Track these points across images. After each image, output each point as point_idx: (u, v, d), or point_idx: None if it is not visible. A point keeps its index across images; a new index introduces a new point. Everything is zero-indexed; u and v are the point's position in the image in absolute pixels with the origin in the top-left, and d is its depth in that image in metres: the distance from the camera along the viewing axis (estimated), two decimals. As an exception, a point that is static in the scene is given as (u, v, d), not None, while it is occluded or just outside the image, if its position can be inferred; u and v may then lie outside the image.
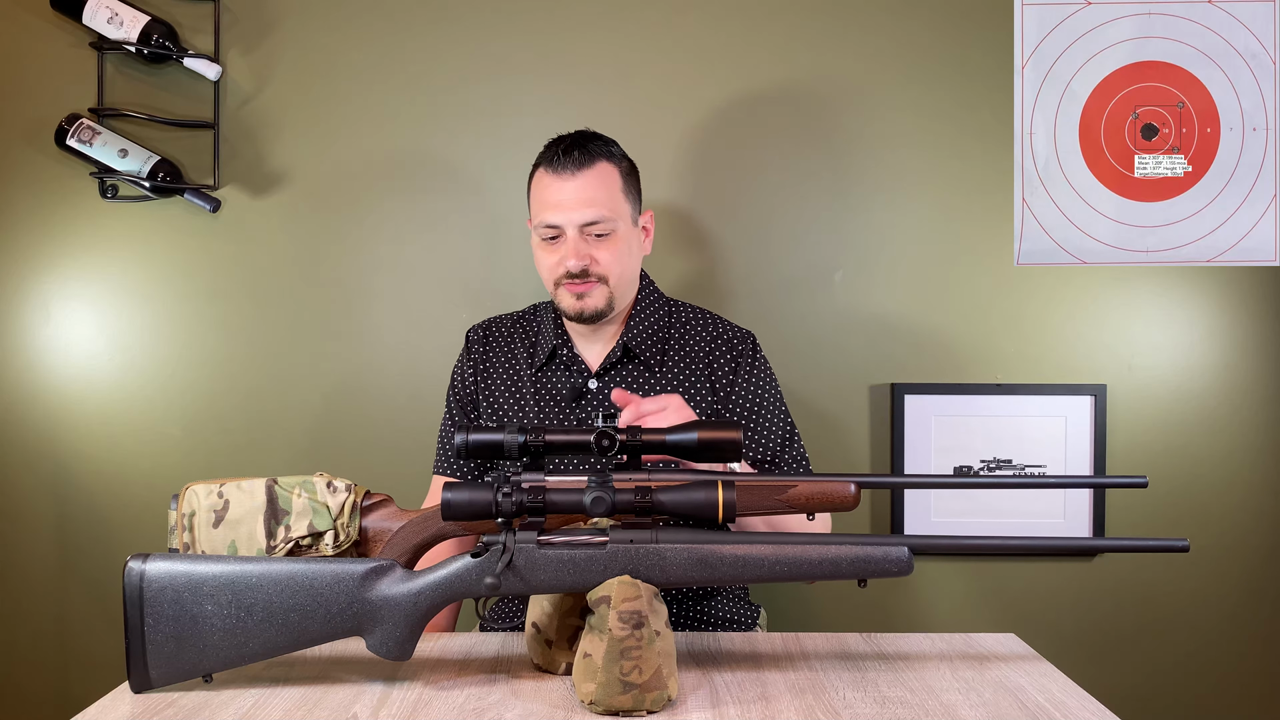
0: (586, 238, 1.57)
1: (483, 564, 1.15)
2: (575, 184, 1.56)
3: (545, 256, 1.60)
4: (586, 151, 1.57)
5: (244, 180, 2.03)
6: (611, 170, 1.59)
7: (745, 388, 1.64)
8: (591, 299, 1.58)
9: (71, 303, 2.03)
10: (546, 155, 1.60)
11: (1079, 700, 1.14)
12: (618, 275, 1.58)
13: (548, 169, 1.58)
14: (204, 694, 1.15)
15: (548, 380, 1.66)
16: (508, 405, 1.66)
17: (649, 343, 1.64)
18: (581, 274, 1.56)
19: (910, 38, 2.03)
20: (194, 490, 1.27)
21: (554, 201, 1.57)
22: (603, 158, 1.58)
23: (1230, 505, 2.05)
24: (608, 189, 1.57)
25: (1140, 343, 2.05)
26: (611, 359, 1.63)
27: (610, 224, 1.57)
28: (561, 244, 1.57)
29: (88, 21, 1.93)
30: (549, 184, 1.58)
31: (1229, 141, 2.02)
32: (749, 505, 1.19)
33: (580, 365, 1.65)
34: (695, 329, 1.68)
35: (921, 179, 2.04)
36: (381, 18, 2.03)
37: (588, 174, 1.56)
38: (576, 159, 1.56)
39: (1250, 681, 2.06)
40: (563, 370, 1.65)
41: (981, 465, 2.03)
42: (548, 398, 1.64)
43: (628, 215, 1.61)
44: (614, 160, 1.60)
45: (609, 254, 1.57)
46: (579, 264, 1.55)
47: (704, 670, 1.23)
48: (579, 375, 1.64)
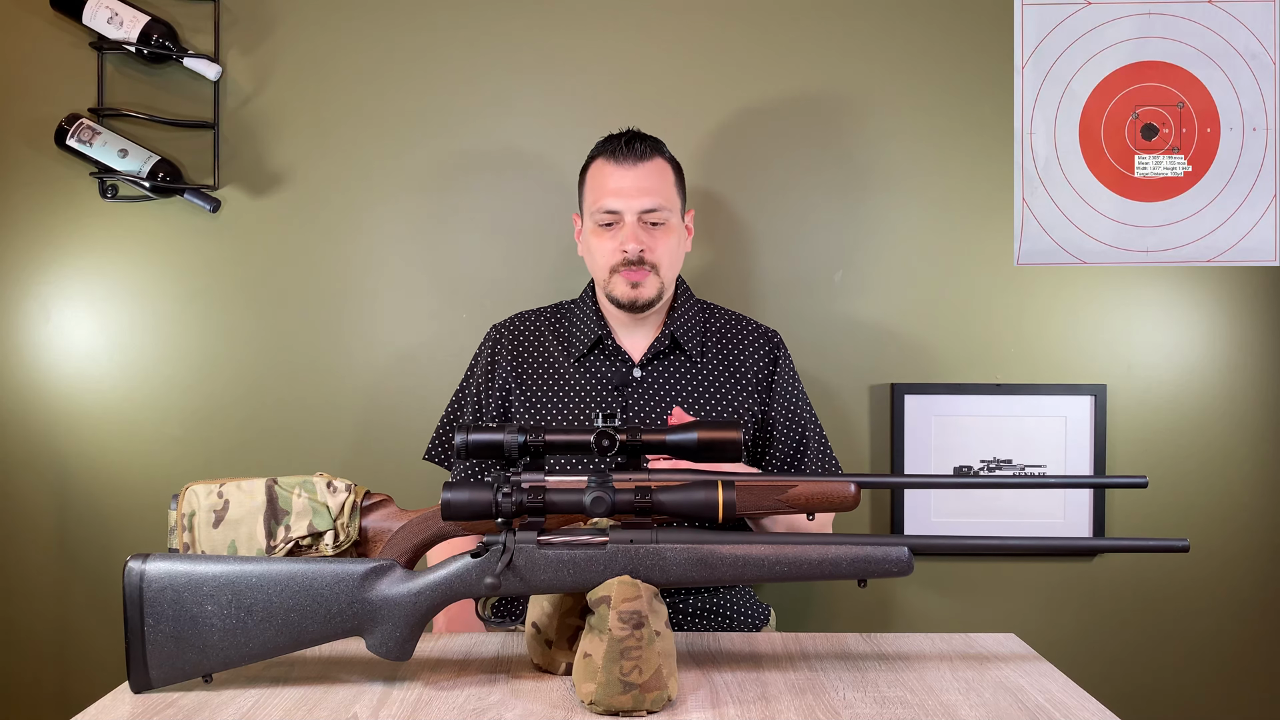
0: (644, 225, 1.63)
1: (483, 564, 1.15)
2: (636, 173, 1.64)
3: (602, 243, 1.65)
4: (648, 145, 1.66)
5: (244, 180, 2.03)
6: (666, 166, 1.68)
7: (787, 384, 1.72)
8: (645, 288, 1.64)
9: (71, 303, 2.03)
10: (608, 146, 1.67)
11: (1079, 700, 1.14)
12: (668, 265, 1.65)
13: (609, 159, 1.66)
14: (204, 694, 1.14)
15: (590, 369, 1.69)
16: (547, 397, 1.68)
17: (692, 335, 1.71)
18: (639, 260, 1.62)
19: (910, 38, 2.03)
20: (194, 490, 1.27)
21: (614, 188, 1.63)
22: (659, 154, 1.67)
23: (1230, 505, 2.05)
24: (665, 182, 1.66)
25: (1140, 343, 2.05)
26: (658, 348, 1.68)
27: (666, 214, 1.64)
28: (619, 230, 1.64)
29: (88, 21, 1.93)
30: (610, 172, 1.65)
31: (1229, 141, 2.02)
32: (749, 505, 1.19)
33: (623, 355, 1.69)
34: (730, 326, 1.76)
35: (921, 179, 2.04)
36: (381, 18, 2.03)
37: (647, 165, 1.65)
38: (638, 151, 1.65)
39: (1250, 681, 2.06)
40: (606, 359, 1.70)
41: (981, 465, 2.03)
42: (591, 386, 1.67)
43: (678, 209, 1.69)
44: (667, 158, 1.69)
45: (663, 243, 1.64)
46: (637, 249, 1.61)
47: (704, 670, 1.23)
48: (623, 365, 1.69)
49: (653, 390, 1.67)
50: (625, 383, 1.67)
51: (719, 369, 1.70)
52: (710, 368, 1.70)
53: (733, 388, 1.69)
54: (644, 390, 1.67)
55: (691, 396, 1.67)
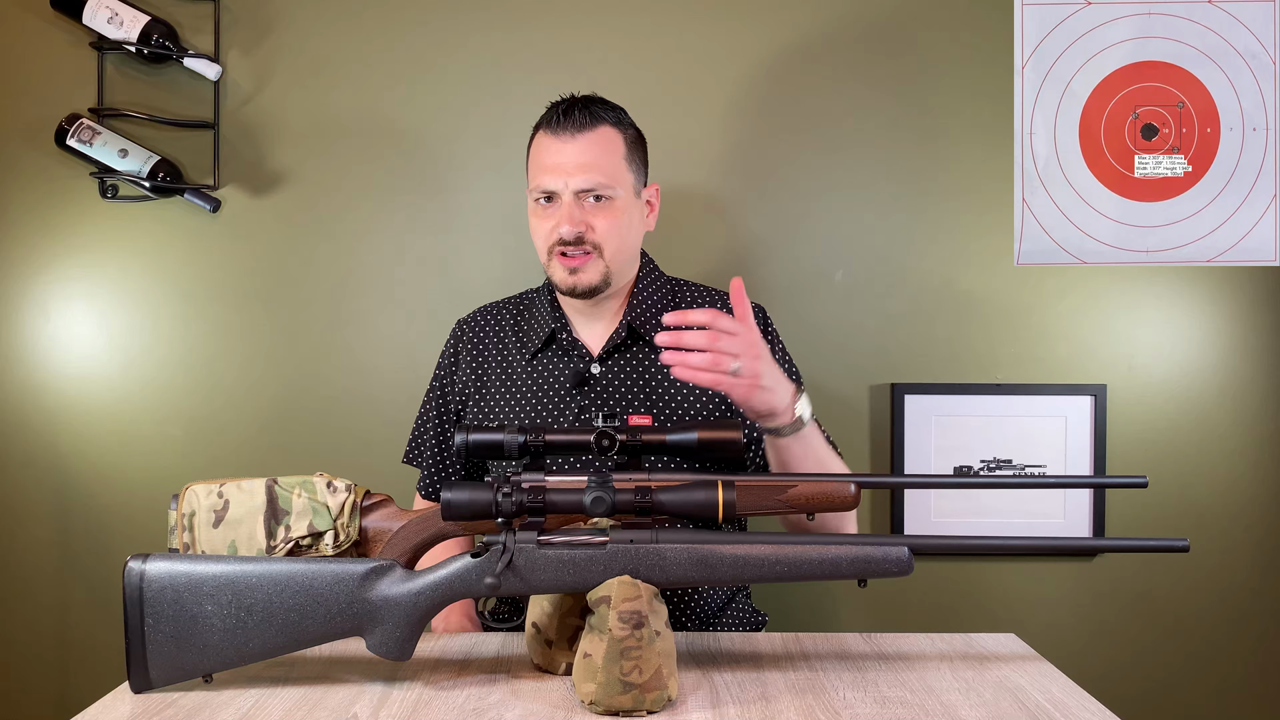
0: (583, 204, 1.48)
1: (483, 564, 1.15)
2: (574, 147, 1.48)
3: (540, 223, 1.51)
4: (589, 114, 1.49)
5: (244, 180, 2.03)
6: (614, 135, 1.51)
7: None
8: (586, 273, 1.49)
9: (71, 303, 2.03)
10: (547, 117, 1.52)
11: (1079, 700, 1.14)
12: (615, 247, 1.49)
13: (547, 130, 1.51)
14: (204, 694, 1.14)
15: (545, 367, 1.57)
16: (502, 398, 1.58)
17: (655, 322, 1.54)
18: (576, 241, 1.47)
19: (910, 37, 2.03)
20: (194, 490, 1.27)
21: (551, 164, 1.48)
22: (606, 122, 1.50)
23: (1230, 505, 2.05)
24: (609, 154, 1.49)
25: (1140, 343, 2.05)
26: (615, 341, 1.54)
27: (609, 191, 1.48)
28: (556, 209, 1.49)
29: (88, 21, 1.93)
30: (547, 146, 1.50)
31: (1229, 141, 2.02)
32: (749, 505, 1.19)
33: (580, 350, 1.55)
34: (704, 304, 1.59)
35: (921, 179, 2.04)
36: (381, 18, 2.03)
37: (588, 136, 1.48)
38: (577, 121, 1.48)
39: (1251, 681, 2.06)
40: (562, 355, 1.56)
41: (981, 465, 2.03)
42: (546, 386, 1.55)
43: (629, 185, 1.52)
44: (619, 126, 1.52)
45: (606, 222, 1.48)
46: (573, 230, 1.47)
47: (704, 670, 1.23)
48: (580, 360, 1.55)
49: (611, 389, 1.53)
50: (582, 381, 1.52)
51: None
52: None
53: None
54: (602, 389, 1.53)
55: (655, 392, 1.53)
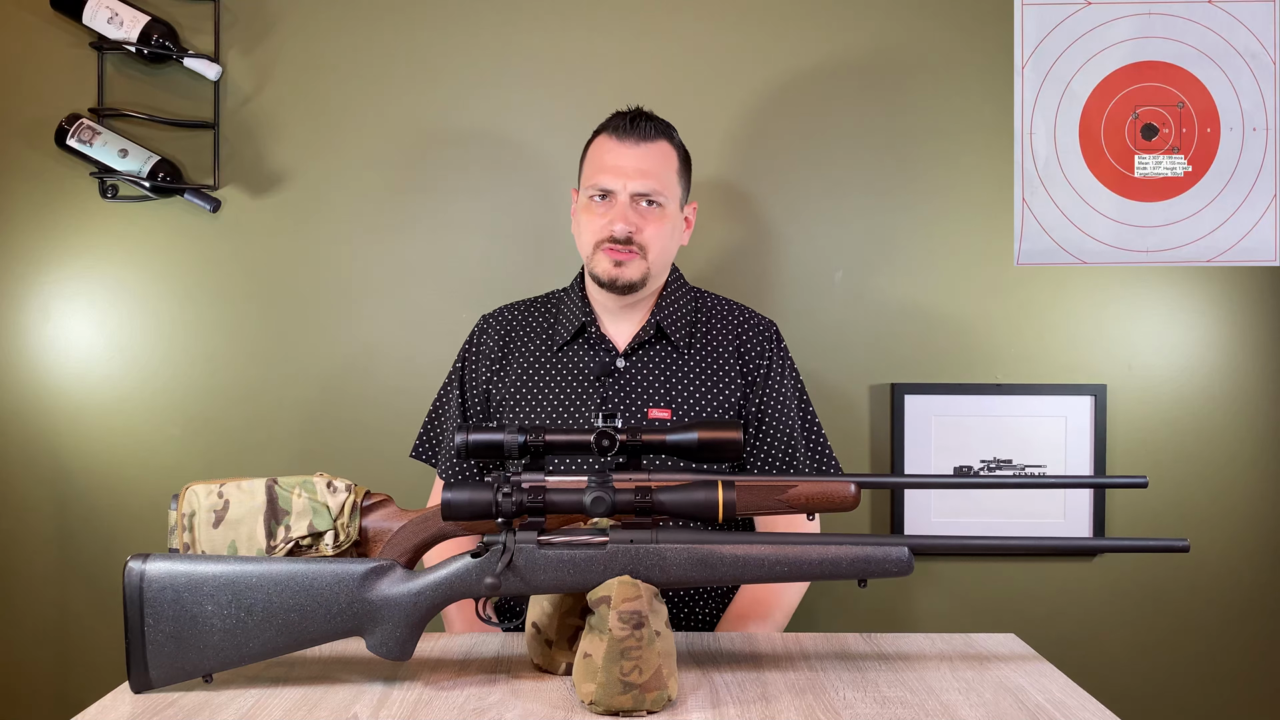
0: (636, 206, 1.58)
1: (483, 564, 1.15)
2: (637, 153, 1.59)
3: (591, 219, 1.60)
4: (654, 126, 1.61)
5: (244, 180, 2.03)
6: (671, 151, 1.63)
7: (780, 379, 1.65)
8: (629, 269, 1.58)
9: (71, 303, 2.03)
10: (612, 122, 1.62)
11: (1079, 700, 1.14)
12: (658, 251, 1.60)
13: (612, 134, 1.61)
14: (204, 694, 1.15)
15: (572, 358, 1.64)
16: (527, 389, 1.64)
17: (680, 324, 1.65)
18: (625, 240, 1.57)
19: (910, 37, 2.03)
20: (194, 490, 1.26)
21: (613, 165, 1.59)
22: (665, 137, 1.62)
23: (1230, 505, 2.05)
24: (666, 166, 1.60)
25: (1140, 343, 2.05)
26: (643, 337, 1.63)
27: (661, 198, 1.59)
28: (611, 207, 1.58)
29: (88, 21, 1.93)
30: (611, 148, 1.60)
31: (1229, 141, 2.02)
32: (749, 505, 1.19)
33: (607, 344, 1.64)
34: (723, 315, 1.69)
35: (922, 179, 2.04)
36: (381, 18, 2.03)
37: (650, 146, 1.60)
38: (643, 130, 1.60)
39: (1251, 681, 2.06)
40: (589, 348, 1.64)
41: (981, 465, 2.03)
42: (571, 376, 1.63)
43: (677, 197, 1.63)
44: (674, 143, 1.64)
45: (655, 228, 1.59)
46: (625, 229, 1.56)
47: (704, 670, 1.23)
48: (606, 354, 1.63)
49: (635, 382, 1.61)
50: (607, 373, 1.61)
51: (707, 360, 1.63)
52: (698, 359, 1.63)
53: (720, 380, 1.62)
54: (625, 382, 1.61)
55: (675, 389, 1.61)
